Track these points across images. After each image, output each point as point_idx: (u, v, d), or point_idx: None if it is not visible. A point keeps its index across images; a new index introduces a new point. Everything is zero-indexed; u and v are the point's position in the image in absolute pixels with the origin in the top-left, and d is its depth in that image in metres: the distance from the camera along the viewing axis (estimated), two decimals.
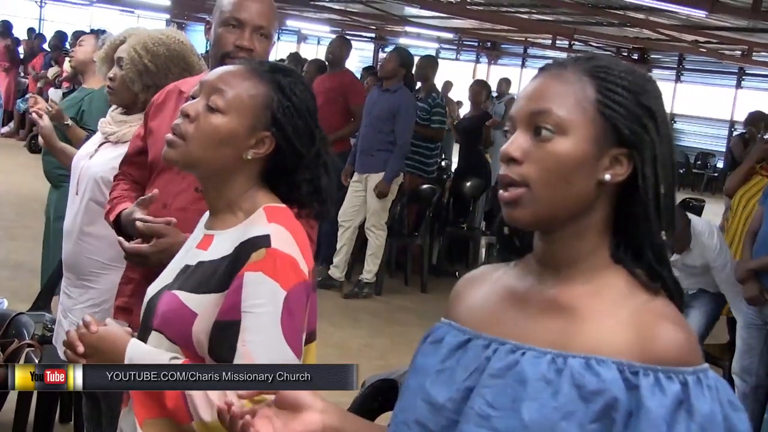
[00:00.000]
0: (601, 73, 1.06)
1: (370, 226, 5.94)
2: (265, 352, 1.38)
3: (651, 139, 1.05)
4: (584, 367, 1.00)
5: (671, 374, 0.98)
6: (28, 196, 6.63)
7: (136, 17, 20.50)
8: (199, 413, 1.37)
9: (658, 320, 1.01)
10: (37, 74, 12.49)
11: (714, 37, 11.80)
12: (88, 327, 1.46)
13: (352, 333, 5.16)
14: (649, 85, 1.08)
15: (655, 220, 1.05)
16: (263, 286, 1.39)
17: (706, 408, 0.97)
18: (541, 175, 1.04)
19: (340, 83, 6.28)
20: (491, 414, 1.03)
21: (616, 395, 0.98)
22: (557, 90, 1.06)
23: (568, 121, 1.04)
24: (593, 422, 0.98)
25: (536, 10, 12.48)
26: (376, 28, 18.58)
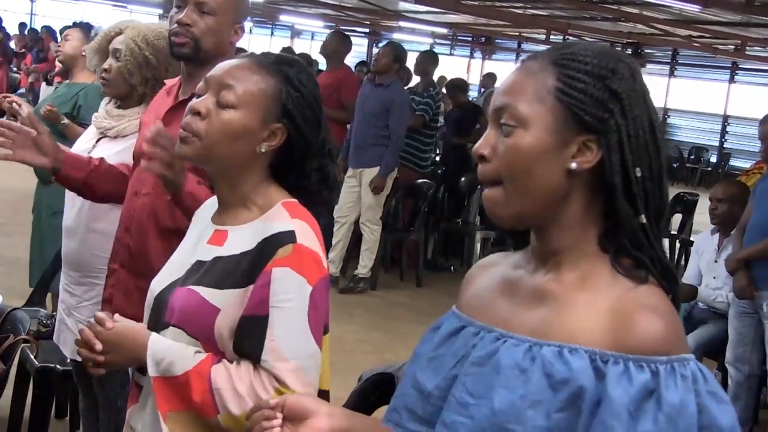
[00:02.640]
0: (565, 60, 1.06)
1: (365, 221, 5.94)
2: (293, 346, 1.41)
3: (616, 122, 1.03)
4: (556, 356, 1.00)
5: (642, 363, 0.96)
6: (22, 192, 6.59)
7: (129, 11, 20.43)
8: (228, 406, 1.39)
9: (637, 309, 0.99)
10: (29, 69, 12.46)
11: (707, 31, 11.82)
12: (103, 323, 1.46)
13: (348, 328, 5.16)
14: (621, 66, 1.06)
15: (624, 206, 1.03)
16: (291, 281, 1.41)
17: (675, 398, 0.94)
18: (507, 170, 1.05)
19: (335, 79, 6.27)
20: (469, 402, 1.04)
21: (582, 384, 0.97)
22: (520, 83, 1.06)
23: (526, 113, 1.04)
24: (560, 411, 0.98)
25: (530, 5, 12.47)
26: (370, 24, 18.55)
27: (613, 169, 1.03)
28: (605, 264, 1.05)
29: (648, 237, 1.04)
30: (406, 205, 6.59)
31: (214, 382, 1.40)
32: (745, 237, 3.90)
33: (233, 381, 1.40)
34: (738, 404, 3.93)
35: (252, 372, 1.41)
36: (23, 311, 2.96)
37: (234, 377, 1.40)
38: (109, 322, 1.46)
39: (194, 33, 2.05)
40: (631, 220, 1.03)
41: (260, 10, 17.39)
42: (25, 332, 2.74)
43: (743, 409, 3.93)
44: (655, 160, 1.05)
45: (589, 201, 1.05)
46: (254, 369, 1.41)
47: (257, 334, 1.41)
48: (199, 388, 1.40)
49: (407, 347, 4.97)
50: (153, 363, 1.44)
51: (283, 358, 1.40)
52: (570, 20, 13.23)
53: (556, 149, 1.03)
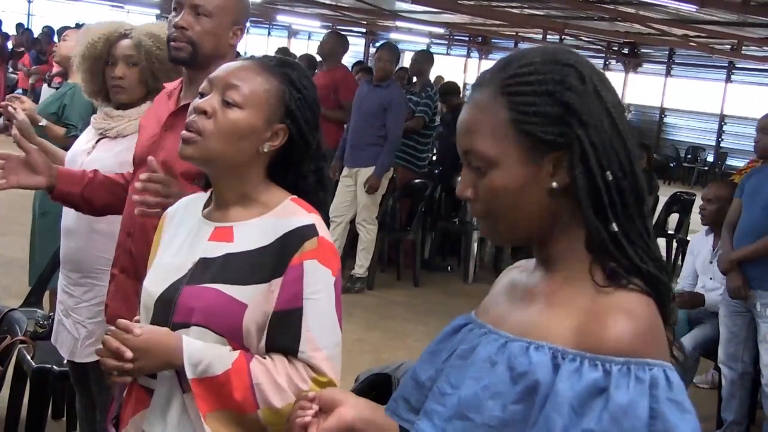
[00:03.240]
0: (511, 86, 1.03)
1: (361, 220, 5.95)
2: (326, 336, 1.47)
3: (575, 134, 1.01)
4: (522, 351, 1.02)
5: (597, 362, 0.96)
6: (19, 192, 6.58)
7: (126, 12, 20.43)
8: (269, 400, 1.42)
9: (607, 310, 0.99)
10: (29, 70, 12.44)
11: (704, 31, 11.84)
12: (131, 331, 1.43)
13: (345, 327, 5.11)
14: (566, 72, 1.03)
15: (591, 220, 1.02)
16: (319, 273, 1.46)
17: (624, 399, 0.93)
18: (493, 209, 1.06)
19: (332, 79, 6.27)
20: (446, 392, 1.09)
21: (537, 378, 0.98)
22: (477, 122, 1.05)
23: (492, 154, 1.03)
24: (515, 403, 1.00)
25: (527, 4, 12.48)
26: (366, 23, 18.55)
27: (577, 183, 1.02)
28: (593, 266, 1.06)
29: (620, 245, 1.03)
30: (404, 205, 6.59)
31: (255, 378, 1.42)
32: (736, 236, 3.90)
33: (273, 375, 1.42)
34: (733, 403, 3.94)
35: (287, 364, 1.44)
36: (20, 312, 2.96)
37: (272, 371, 1.43)
38: (137, 329, 1.43)
39: (191, 36, 2.02)
40: (601, 233, 1.03)
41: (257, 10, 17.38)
42: (22, 333, 2.74)
43: (738, 408, 3.94)
44: (623, 154, 1.04)
45: (575, 208, 1.05)
46: (288, 361, 1.44)
47: (293, 326, 1.44)
48: (240, 385, 1.42)
49: (405, 347, 4.98)
50: (191, 366, 1.43)
51: (318, 348, 1.45)
52: (566, 20, 13.24)
53: (532, 177, 1.03)
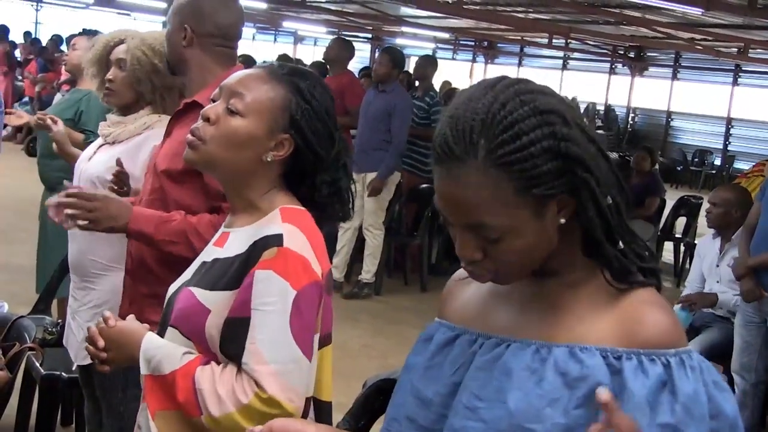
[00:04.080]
0: (504, 156, 0.97)
1: (368, 225, 5.95)
2: (274, 350, 1.40)
3: (581, 178, 1.00)
4: (568, 355, 1.02)
5: (653, 357, 0.99)
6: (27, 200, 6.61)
7: (133, 19, 20.50)
8: (209, 408, 1.40)
9: (641, 305, 1.02)
10: (35, 78, 12.49)
11: (710, 34, 11.82)
12: (107, 322, 1.51)
13: (353, 333, 5.16)
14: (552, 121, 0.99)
15: (610, 251, 1.04)
16: (273, 284, 1.41)
17: (689, 388, 0.97)
18: (509, 264, 1.05)
19: (338, 85, 6.28)
20: (478, 405, 1.05)
21: (599, 380, 0.99)
22: (478, 199, 0.99)
23: (508, 224, 1.00)
24: (577, 408, 0.99)
25: (533, 9, 12.49)
26: (372, 29, 18.57)
27: (593, 224, 1.03)
28: (598, 270, 1.07)
29: (627, 257, 1.06)
30: (410, 210, 6.59)
31: (198, 383, 1.41)
32: (754, 241, 3.88)
33: (215, 383, 1.41)
34: (745, 412, 3.91)
35: (235, 375, 1.41)
36: (29, 319, 2.97)
37: (216, 379, 1.41)
38: (111, 321, 1.51)
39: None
40: (618, 258, 1.05)
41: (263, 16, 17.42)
42: (31, 340, 2.74)
43: (750, 417, 3.91)
44: (609, 170, 1.04)
45: (572, 229, 1.06)
46: (237, 372, 1.42)
47: (239, 336, 1.41)
48: (184, 387, 1.42)
49: None
50: (144, 361, 1.47)
51: (263, 361, 1.39)
52: (572, 24, 13.24)
53: (545, 224, 1.03)
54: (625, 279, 1.05)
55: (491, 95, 1.01)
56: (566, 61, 20.33)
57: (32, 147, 9.49)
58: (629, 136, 18.68)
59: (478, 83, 1.05)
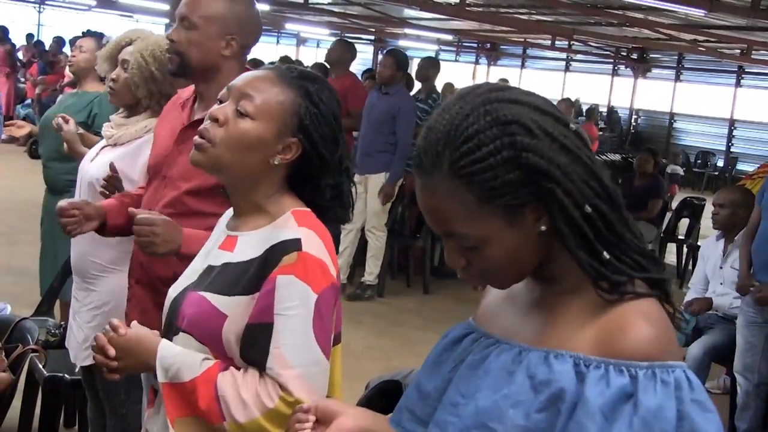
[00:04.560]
0: (464, 167, 0.99)
1: (371, 227, 5.95)
2: (298, 354, 1.41)
3: (546, 188, 1.00)
4: (541, 360, 1.02)
5: (622, 367, 0.97)
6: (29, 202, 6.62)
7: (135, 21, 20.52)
8: (233, 414, 1.40)
9: (627, 316, 1.00)
10: (35, 80, 12.51)
11: (713, 36, 11.81)
12: (116, 330, 1.48)
13: (355, 335, 5.16)
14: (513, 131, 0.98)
15: (583, 258, 1.02)
16: (295, 289, 1.42)
17: (652, 403, 0.94)
18: (495, 271, 1.07)
19: (341, 87, 6.28)
20: (459, 402, 1.08)
21: (563, 386, 0.98)
22: (445, 208, 1.02)
23: (477, 234, 1.02)
24: (539, 411, 1.00)
25: (535, 10, 12.49)
26: (375, 31, 18.59)
27: (563, 233, 1.02)
28: None
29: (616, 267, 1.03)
30: (413, 212, 6.59)
31: (220, 389, 1.41)
32: (756, 245, 3.87)
33: (239, 388, 1.40)
34: (747, 413, 3.91)
35: (258, 379, 1.41)
36: (32, 321, 2.97)
37: (240, 385, 1.41)
38: (122, 329, 1.48)
39: (178, 48, 2.07)
40: (595, 269, 1.02)
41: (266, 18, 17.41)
42: (34, 342, 2.75)
43: (753, 418, 3.91)
44: (591, 178, 1.02)
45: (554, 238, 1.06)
46: (260, 376, 1.42)
47: (262, 341, 1.41)
48: (206, 394, 1.41)
49: (415, 354, 4.98)
50: (162, 369, 1.45)
51: (288, 365, 1.40)
52: (575, 26, 13.25)
53: (520, 233, 1.03)
54: (614, 289, 1.02)
55: (459, 105, 1.02)
56: (569, 62, 20.34)
57: (34, 149, 9.51)
58: (632, 138, 18.68)
59: (458, 92, 1.06)
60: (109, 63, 2.73)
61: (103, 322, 2.34)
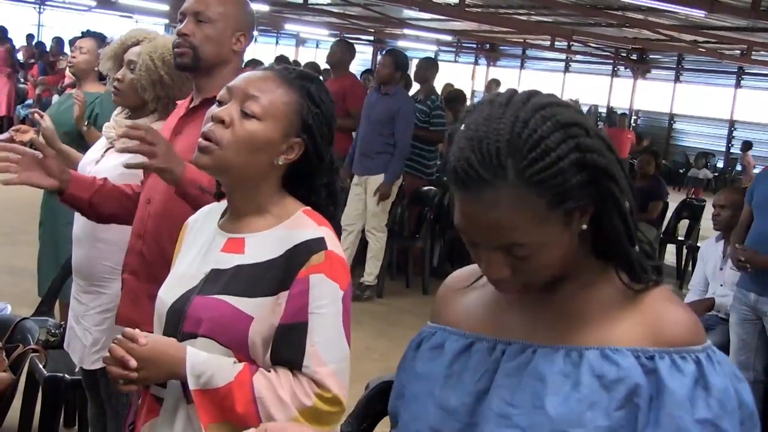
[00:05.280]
0: (535, 174, 0.97)
1: (371, 228, 5.96)
2: (331, 351, 1.45)
3: (607, 188, 1.02)
4: (601, 357, 1.02)
5: (684, 354, 1.01)
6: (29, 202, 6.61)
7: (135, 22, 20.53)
8: (272, 414, 1.41)
9: (661, 304, 1.04)
10: (36, 80, 12.52)
11: (713, 36, 11.81)
12: (137, 340, 1.43)
13: (354, 335, 5.11)
14: (576, 133, 1.00)
15: (632, 251, 1.06)
16: (326, 287, 1.45)
17: (720, 383, 1.00)
18: (537, 277, 1.07)
19: (341, 87, 6.29)
20: (511, 412, 1.05)
21: (637, 381, 1.00)
22: (511, 220, 0.99)
23: (540, 240, 1.01)
24: (618, 409, 1.01)
25: (535, 11, 12.50)
26: (374, 31, 18.59)
27: (618, 231, 1.05)
28: (610, 270, 1.08)
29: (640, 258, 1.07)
30: (412, 213, 6.59)
31: (258, 392, 1.41)
32: (747, 245, 3.87)
33: (275, 389, 1.42)
34: None
35: (291, 378, 1.43)
36: (32, 321, 2.97)
37: (275, 385, 1.42)
38: (142, 339, 1.43)
39: (192, 42, 2.09)
40: (640, 261, 1.06)
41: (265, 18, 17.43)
42: (34, 342, 2.75)
43: None
44: (627, 178, 1.06)
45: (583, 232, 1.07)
46: (293, 375, 1.44)
47: (297, 340, 1.43)
48: (243, 398, 1.41)
49: None
50: (193, 376, 1.43)
51: (323, 362, 1.44)
52: (574, 26, 13.25)
53: (571, 234, 1.04)
54: (640, 279, 1.06)
55: (510, 113, 1.00)
56: (568, 63, 20.34)
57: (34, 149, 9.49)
58: None
59: (490, 101, 1.04)
60: (113, 62, 2.71)
61: (111, 324, 2.34)
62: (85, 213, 2.25)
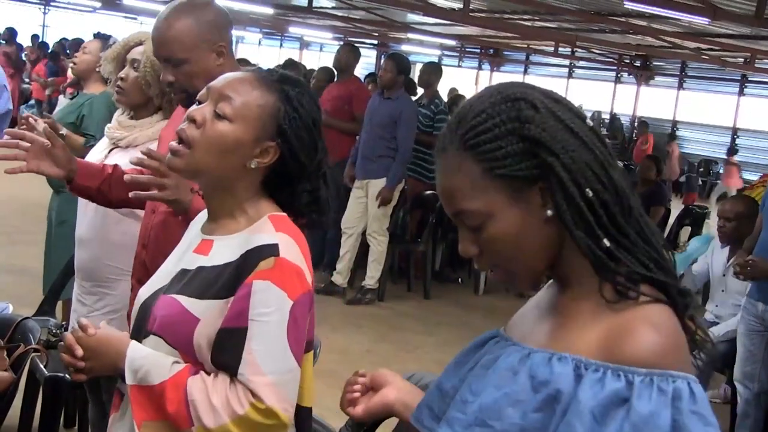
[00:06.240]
0: (471, 139, 1.04)
1: (372, 232, 5.96)
2: (270, 361, 1.39)
3: (547, 163, 1.03)
4: (544, 362, 1.04)
5: (620, 372, 0.98)
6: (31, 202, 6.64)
7: (140, 23, 20.57)
8: (202, 419, 1.38)
9: (632, 323, 1.00)
10: (45, 81, 12.55)
11: (716, 44, 11.82)
12: (86, 330, 1.46)
13: (355, 339, 5.16)
14: (518, 107, 1.04)
15: (580, 237, 1.04)
16: (271, 294, 1.40)
17: (645, 410, 0.94)
18: (499, 258, 1.08)
19: (346, 91, 6.30)
20: (468, 399, 1.10)
21: (559, 387, 1.00)
22: (453, 184, 1.07)
23: (481, 208, 1.05)
24: (536, 411, 1.01)
25: (539, 17, 12.49)
26: (378, 35, 18.61)
27: (560, 209, 1.03)
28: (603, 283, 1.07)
29: (617, 258, 1.04)
30: (414, 216, 6.59)
31: (190, 394, 1.39)
32: (756, 253, 3.86)
33: (209, 393, 1.38)
34: (747, 421, 3.90)
35: (228, 385, 1.40)
36: (33, 320, 2.98)
37: (209, 389, 1.39)
38: (91, 329, 1.46)
39: (181, 86, 2.04)
40: (594, 250, 1.04)
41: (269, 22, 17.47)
42: (36, 341, 2.75)
43: (753, 427, 3.90)
44: (596, 166, 1.05)
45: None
46: (230, 382, 1.40)
47: (235, 346, 1.39)
48: (175, 398, 1.39)
49: (415, 358, 4.98)
50: (130, 371, 1.43)
51: (260, 372, 1.38)
52: (578, 32, 13.25)
53: (526, 214, 1.05)
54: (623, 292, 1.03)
55: (479, 93, 1.10)
56: (572, 69, 20.35)
57: None
58: (634, 145, 18.67)
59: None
60: (115, 64, 2.71)
61: (118, 325, 2.34)
62: (94, 200, 2.24)
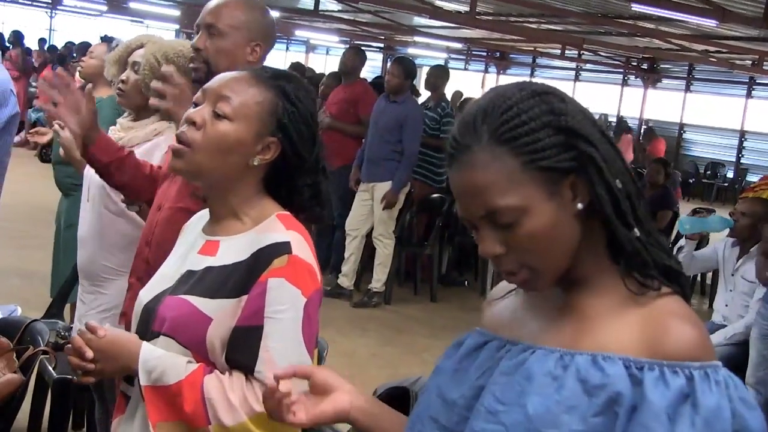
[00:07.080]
0: (506, 132, 1.02)
1: (378, 235, 5.96)
2: (286, 358, 1.40)
3: (586, 153, 1.03)
4: (590, 363, 1.02)
5: (677, 368, 0.98)
6: (39, 206, 6.66)
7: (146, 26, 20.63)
8: (220, 417, 1.39)
9: (666, 317, 1.02)
10: None
11: (724, 46, 11.79)
12: (95, 332, 1.45)
13: (361, 342, 5.16)
14: (549, 100, 1.04)
15: (622, 232, 1.04)
16: (286, 292, 1.41)
17: (711, 402, 0.97)
18: (531, 255, 1.05)
19: (352, 94, 6.31)
20: (499, 409, 1.06)
21: (619, 389, 0.99)
22: (486, 181, 1.02)
23: (518, 203, 1.02)
24: (596, 416, 1.00)
25: (545, 20, 12.49)
26: (385, 38, 18.62)
27: (602, 200, 1.04)
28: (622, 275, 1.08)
29: (646, 249, 1.06)
30: (421, 220, 6.60)
31: (207, 393, 1.40)
32: None
33: (226, 391, 1.39)
34: None
35: (244, 383, 1.41)
36: (42, 323, 2.98)
37: (227, 388, 1.40)
38: (100, 331, 1.45)
39: (205, 56, 2.08)
40: (632, 241, 1.05)
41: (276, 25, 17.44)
42: (44, 344, 2.76)
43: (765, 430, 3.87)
44: (620, 160, 1.07)
45: (593, 225, 1.07)
46: (246, 379, 1.41)
47: (252, 344, 1.41)
48: (192, 398, 1.40)
49: (421, 362, 4.98)
50: (144, 372, 1.43)
51: (277, 369, 1.38)
52: (585, 35, 13.25)
53: (560, 207, 1.04)
54: (646, 276, 1.04)
55: (494, 93, 1.08)
56: (579, 72, 20.32)
57: (44, 153, 9.56)
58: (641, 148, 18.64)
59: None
60: (118, 67, 2.74)
61: (111, 324, 2.36)
62: (99, 172, 2.28)
